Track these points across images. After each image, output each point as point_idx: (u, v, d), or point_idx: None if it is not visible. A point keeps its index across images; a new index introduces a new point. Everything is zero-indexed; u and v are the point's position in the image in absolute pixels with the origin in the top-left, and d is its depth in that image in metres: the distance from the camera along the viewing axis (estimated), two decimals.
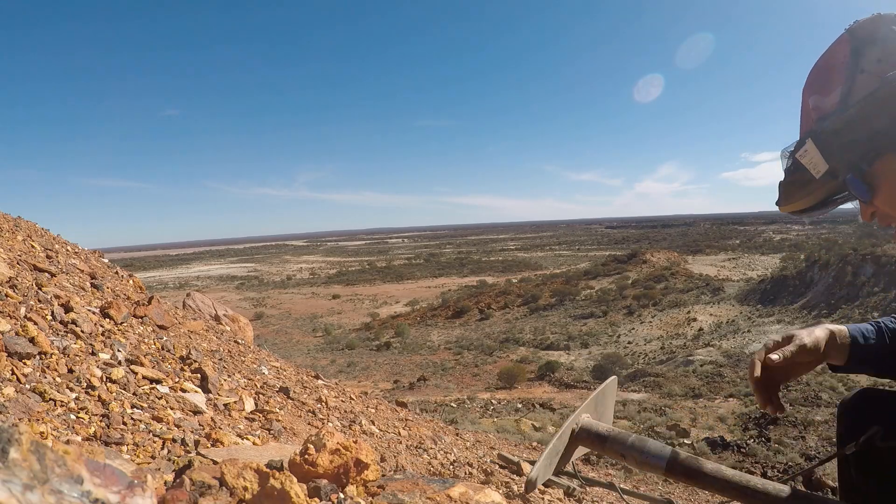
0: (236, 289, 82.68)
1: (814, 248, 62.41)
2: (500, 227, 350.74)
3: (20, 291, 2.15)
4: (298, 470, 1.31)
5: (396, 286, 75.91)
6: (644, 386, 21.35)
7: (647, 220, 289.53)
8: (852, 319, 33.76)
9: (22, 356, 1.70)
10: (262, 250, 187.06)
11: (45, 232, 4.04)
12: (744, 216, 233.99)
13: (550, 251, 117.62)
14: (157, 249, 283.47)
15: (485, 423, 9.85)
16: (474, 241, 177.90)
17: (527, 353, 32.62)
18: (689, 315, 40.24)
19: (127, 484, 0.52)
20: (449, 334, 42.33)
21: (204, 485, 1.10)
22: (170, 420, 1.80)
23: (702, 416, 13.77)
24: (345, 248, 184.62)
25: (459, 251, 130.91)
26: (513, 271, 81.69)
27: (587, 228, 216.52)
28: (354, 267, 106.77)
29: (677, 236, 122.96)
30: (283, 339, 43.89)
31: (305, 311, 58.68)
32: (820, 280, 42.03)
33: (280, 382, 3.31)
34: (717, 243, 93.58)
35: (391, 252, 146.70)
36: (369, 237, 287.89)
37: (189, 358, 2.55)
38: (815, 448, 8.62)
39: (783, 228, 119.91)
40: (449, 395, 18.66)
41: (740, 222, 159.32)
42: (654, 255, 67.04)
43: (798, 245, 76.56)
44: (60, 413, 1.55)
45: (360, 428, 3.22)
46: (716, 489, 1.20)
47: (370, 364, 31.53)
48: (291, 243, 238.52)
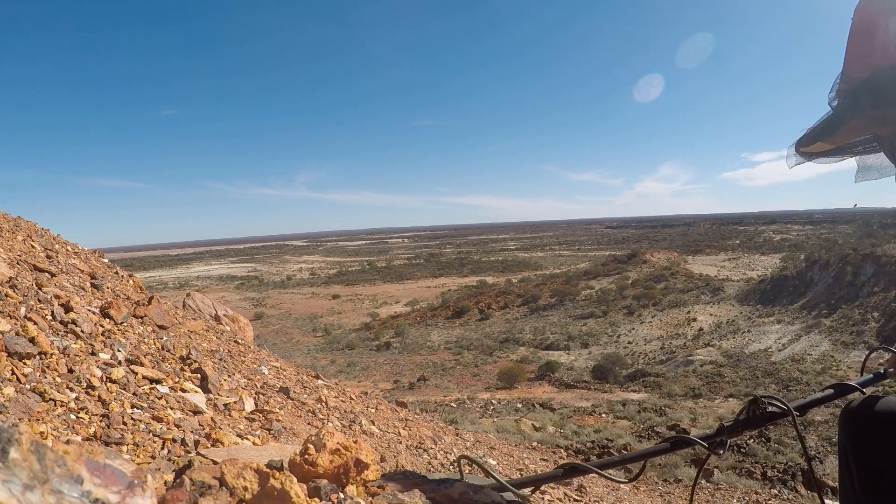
0: (236, 289, 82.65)
1: (814, 248, 62.39)
2: (500, 227, 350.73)
3: (20, 291, 2.15)
4: (298, 470, 1.31)
5: (396, 286, 75.89)
6: (644, 386, 21.37)
7: (647, 220, 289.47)
8: (852, 319, 33.78)
9: (22, 356, 1.70)
10: (262, 250, 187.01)
11: (45, 232, 4.04)
12: (744, 216, 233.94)
13: (550, 251, 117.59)
14: (157, 249, 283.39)
15: (485, 423, 9.85)
16: (474, 241, 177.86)
17: (527, 353, 32.62)
18: (689, 315, 40.23)
19: (127, 484, 0.52)
20: (449, 334, 42.32)
21: (204, 485, 1.10)
22: (170, 420, 1.80)
23: (702, 415, 13.76)
24: (345, 248, 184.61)
25: (459, 251, 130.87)
26: (513, 271, 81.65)
27: (587, 228, 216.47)
28: (354, 267, 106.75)
29: (677, 236, 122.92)
30: (283, 339, 43.88)
31: (305, 311, 58.67)
32: (820, 280, 42.02)
33: (280, 382, 3.31)
34: (717, 243, 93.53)
35: (391, 252, 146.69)
36: (369, 237, 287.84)
37: (189, 358, 2.55)
38: (816, 448, 8.63)
39: (783, 228, 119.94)
40: (449, 395, 18.66)
41: (740, 222, 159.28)
42: (654, 255, 67.02)
43: (798, 245, 76.54)
44: (60, 413, 1.55)
45: (360, 428, 3.22)
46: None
47: (370, 364, 31.53)
48: (291, 243, 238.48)
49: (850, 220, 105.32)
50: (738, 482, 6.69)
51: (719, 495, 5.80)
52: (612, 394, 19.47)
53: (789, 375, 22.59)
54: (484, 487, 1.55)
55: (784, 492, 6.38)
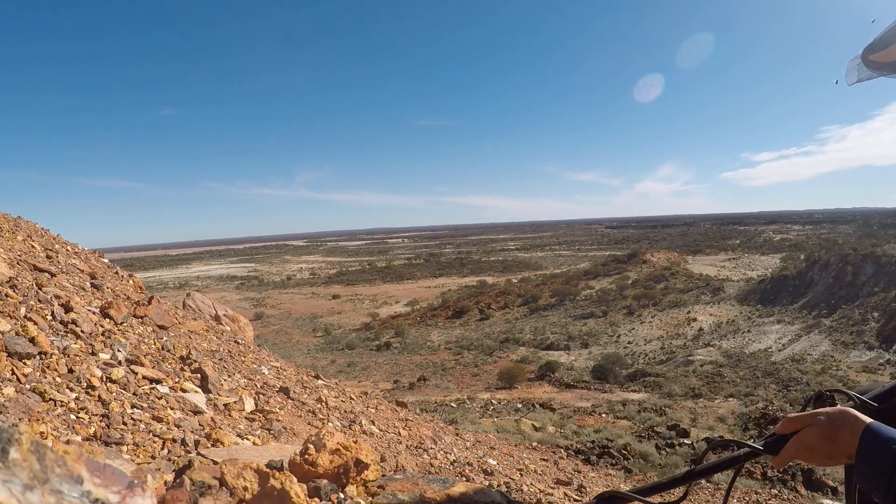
0: (236, 289, 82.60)
1: (814, 248, 62.39)
2: (500, 227, 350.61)
3: (20, 291, 2.15)
4: (298, 470, 1.31)
5: (396, 286, 75.85)
6: (644, 386, 21.36)
7: (647, 220, 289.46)
8: (852, 319, 33.78)
9: (22, 356, 1.70)
10: (262, 250, 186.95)
11: (45, 232, 4.04)
12: (744, 216, 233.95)
13: (550, 251, 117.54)
14: (157, 249, 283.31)
15: (485, 423, 9.85)
16: (474, 241, 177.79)
17: (527, 353, 32.60)
18: (689, 315, 40.23)
19: (127, 484, 0.52)
20: (449, 334, 42.31)
21: (204, 485, 1.10)
22: (170, 420, 1.79)
23: (702, 416, 13.77)
24: (345, 248, 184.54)
25: (459, 251, 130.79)
26: (513, 271, 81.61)
27: (587, 228, 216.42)
28: (354, 267, 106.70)
29: (677, 236, 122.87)
30: (283, 339, 43.86)
31: (305, 311, 58.64)
32: (820, 280, 42.02)
33: (280, 382, 3.31)
34: (717, 243, 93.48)
35: (391, 252, 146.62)
36: (369, 237, 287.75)
37: (189, 358, 2.55)
38: None
39: (783, 228, 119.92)
40: (449, 395, 18.65)
41: (740, 222, 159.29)
42: (654, 255, 67.00)
43: (798, 245, 76.52)
44: (60, 413, 1.55)
45: (360, 428, 3.22)
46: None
47: (370, 364, 31.51)
48: (291, 243, 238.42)
49: (850, 221, 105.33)
50: (738, 482, 6.69)
51: (719, 495, 5.80)
52: (612, 394, 19.46)
53: (789, 375, 22.60)
54: (484, 487, 1.55)
55: (784, 492, 6.38)
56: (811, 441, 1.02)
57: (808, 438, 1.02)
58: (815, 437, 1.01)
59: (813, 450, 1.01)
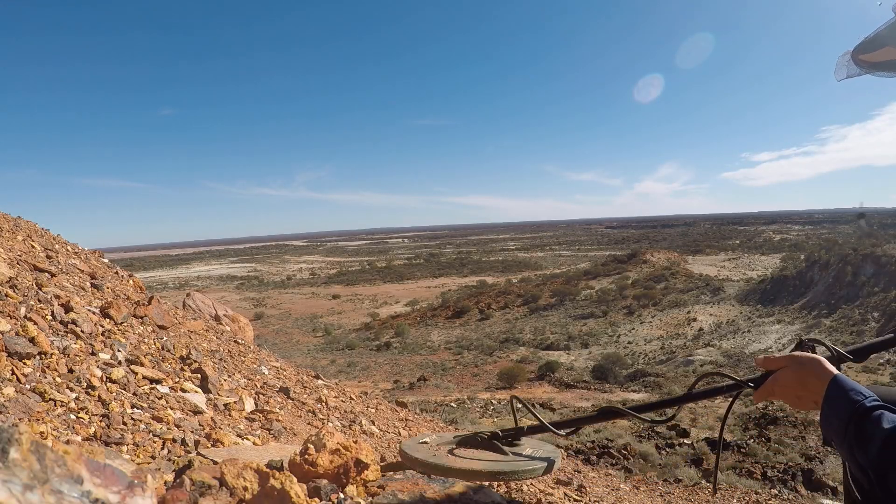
0: (236, 289, 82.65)
1: (814, 248, 62.42)
2: (500, 227, 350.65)
3: (20, 291, 2.15)
4: (298, 470, 1.31)
5: (396, 286, 75.89)
6: (644, 386, 21.35)
7: (647, 220, 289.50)
8: (852, 319, 33.79)
9: (22, 356, 1.70)
10: (262, 250, 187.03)
11: (45, 232, 4.04)
12: (744, 216, 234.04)
13: (550, 251, 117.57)
14: (157, 249, 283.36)
15: (485, 423, 9.85)
16: (474, 241, 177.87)
17: (527, 353, 32.61)
18: (689, 315, 40.25)
19: (127, 484, 0.52)
20: (449, 334, 42.33)
21: (204, 485, 1.10)
22: (170, 420, 1.80)
23: (702, 416, 13.76)
24: (345, 248, 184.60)
25: (459, 251, 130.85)
26: (513, 271, 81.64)
27: (587, 228, 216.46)
28: (354, 267, 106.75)
29: (677, 236, 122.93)
30: (283, 339, 43.88)
31: (305, 311, 58.68)
32: (820, 280, 42.03)
33: (280, 382, 3.31)
34: (717, 243, 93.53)
35: (391, 252, 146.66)
36: (369, 237, 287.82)
37: (189, 358, 2.55)
38: (815, 448, 8.63)
39: (783, 228, 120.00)
40: (449, 395, 18.66)
41: (740, 222, 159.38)
42: (654, 255, 67.03)
43: (798, 245, 76.57)
44: (60, 413, 1.55)
45: (360, 428, 3.22)
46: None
47: (370, 364, 31.52)
48: (291, 243, 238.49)
49: (850, 221, 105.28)
50: (739, 482, 6.69)
51: (719, 495, 5.80)
52: (612, 394, 19.46)
53: None
54: (484, 487, 1.55)
55: (784, 492, 6.38)
56: (784, 381, 1.12)
57: (782, 378, 1.12)
58: (789, 377, 1.11)
59: (786, 389, 1.12)
